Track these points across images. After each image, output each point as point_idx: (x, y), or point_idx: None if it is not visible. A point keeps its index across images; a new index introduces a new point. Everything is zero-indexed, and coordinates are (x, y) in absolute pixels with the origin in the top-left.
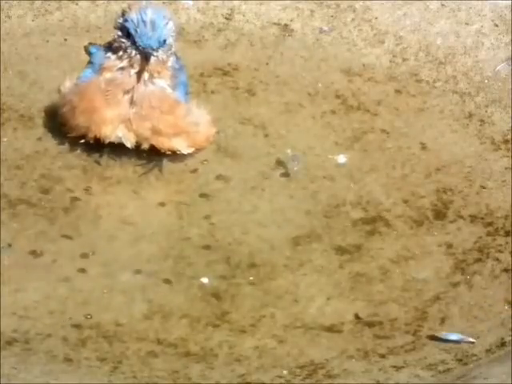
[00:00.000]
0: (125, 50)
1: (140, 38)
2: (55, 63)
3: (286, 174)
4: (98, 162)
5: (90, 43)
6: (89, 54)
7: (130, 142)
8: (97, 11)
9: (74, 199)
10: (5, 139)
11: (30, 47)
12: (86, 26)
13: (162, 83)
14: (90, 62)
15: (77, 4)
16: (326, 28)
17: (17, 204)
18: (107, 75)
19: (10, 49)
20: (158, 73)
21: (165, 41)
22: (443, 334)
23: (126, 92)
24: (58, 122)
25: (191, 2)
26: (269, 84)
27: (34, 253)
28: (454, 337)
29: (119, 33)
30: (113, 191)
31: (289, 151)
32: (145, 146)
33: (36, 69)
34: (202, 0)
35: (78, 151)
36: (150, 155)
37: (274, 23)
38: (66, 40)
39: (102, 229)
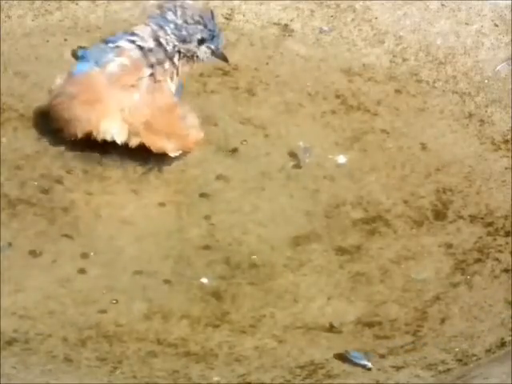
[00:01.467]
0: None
1: (216, 42)
2: (55, 63)
3: (297, 166)
4: (97, 162)
5: (80, 47)
6: (77, 58)
7: (120, 136)
8: (97, 11)
9: (74, 199)
10: (4, 139)
11: (30, 47)
12: (85, 26)
13: (171, 86)
14: (82, 58)
15: (77, 4)
16: (326, 28)
17: (17, 204)
18: (124, 61)
19: (9, 49)
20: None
21: None
22: (350, 354)
23: (135, 80)
24: (50, 122)
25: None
26: (269, 84)
27: (33, 253)
28: (357, 359)
29: (185, 45)
30: (113, 191)
31: (301, 143)
32: (133, 142)
33: (36, 69)
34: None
35: (78, 151)
36: (150, 155)
37: (274, 23)
38: (66, 40)
39: (101, 229)
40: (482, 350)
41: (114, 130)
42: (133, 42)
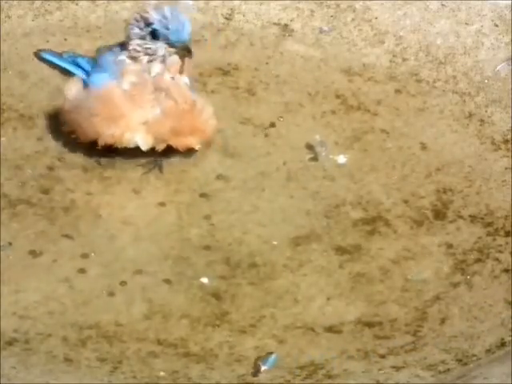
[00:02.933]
0: (150, 54)
1: (175, 34)
2: None
3: (314, 159)
4: (98, 162)
5: (39, 50)
6: (41, 59)
7: (146, 145)
8: (97, 11)
9: (74, 199)
10: (4, 139)
11: (30, 47)
12: (85, 26)
13: (186, 80)
14: (96, 66)
15: (77, 4)
16: (326, 28)
17: (17, 204)
18: (130, 79)
19: (10, 49)
20: (184, 70)
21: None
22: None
23: (151, 94)
24: (61, 125)
25: (191, 2)
26: (269, 84)
27: (33, 253)
28: (266, 366)
29: (138, 41)
30: (113, 191)
31: (317, 136)
32: (160, 147)
33: (36, 69)
34: (202, 0)
35: (78, 151)
36: (151, 155)
37: (274, 23)
38: (66, 40)
39: (101, 229)
40: (482, 350)
41: (138, 140)
42: (133, 58)
